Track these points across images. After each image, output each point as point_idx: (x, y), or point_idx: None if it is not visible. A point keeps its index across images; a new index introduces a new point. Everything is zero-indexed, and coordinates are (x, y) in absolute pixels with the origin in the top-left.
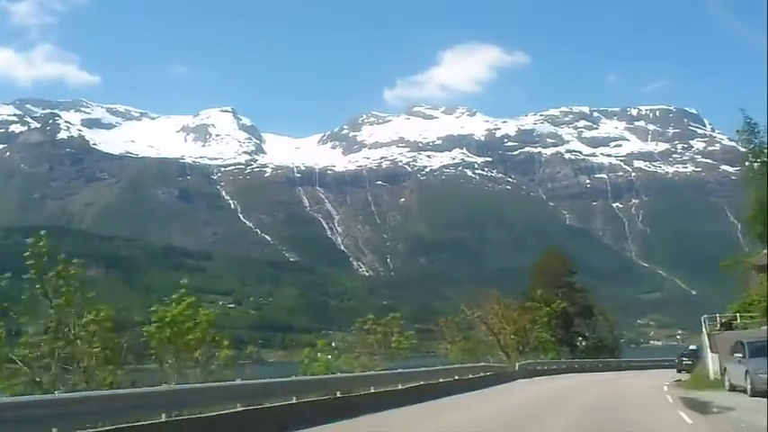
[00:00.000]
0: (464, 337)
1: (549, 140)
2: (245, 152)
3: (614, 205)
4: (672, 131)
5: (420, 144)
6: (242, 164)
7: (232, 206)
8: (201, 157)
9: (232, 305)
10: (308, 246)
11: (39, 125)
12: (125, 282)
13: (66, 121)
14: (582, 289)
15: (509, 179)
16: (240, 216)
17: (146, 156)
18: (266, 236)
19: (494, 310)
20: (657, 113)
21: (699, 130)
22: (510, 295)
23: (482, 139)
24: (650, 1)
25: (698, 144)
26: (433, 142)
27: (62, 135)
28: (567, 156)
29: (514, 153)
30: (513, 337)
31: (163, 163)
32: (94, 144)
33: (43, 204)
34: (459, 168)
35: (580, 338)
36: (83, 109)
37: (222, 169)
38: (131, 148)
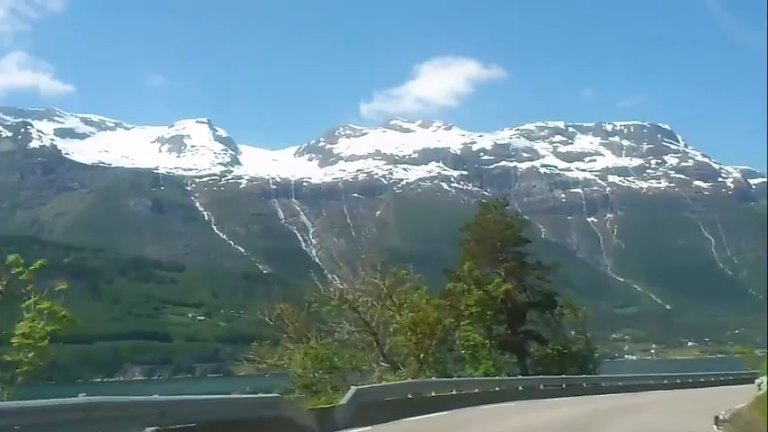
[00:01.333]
0: (328, 335)
1: (524, 155)
2: (221, 163)
3: (589, 220)
4: (646, 147)
5: (396, 157)
6: (217, 175)
7: (206, 218)
8: (176, 168)
9: (202, 317)
10: (283, 258)
11: (10, 134)
12: (91, 293)
13: (38, 131)
14: (539, 266)
15: (485, 193)
16: (214, 228)
17: (119, 166)
18: (240, 248)
19: (375, 288)
20: (632, 129)
21: (672, 146)
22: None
23: (458, 152)
24: (625, 18)
25: (671, 160)
26: (409, 155)
27: (34, 144)
28: (542, 170)
29: (490, 167)
30: (413, 336)
31: (136, 173)
32: (66, 154)
33: (13, 214)
34: (435, 182)
35: (535, 342)
36: (56, 118)
37: (197, 180)
38: (104, 158)
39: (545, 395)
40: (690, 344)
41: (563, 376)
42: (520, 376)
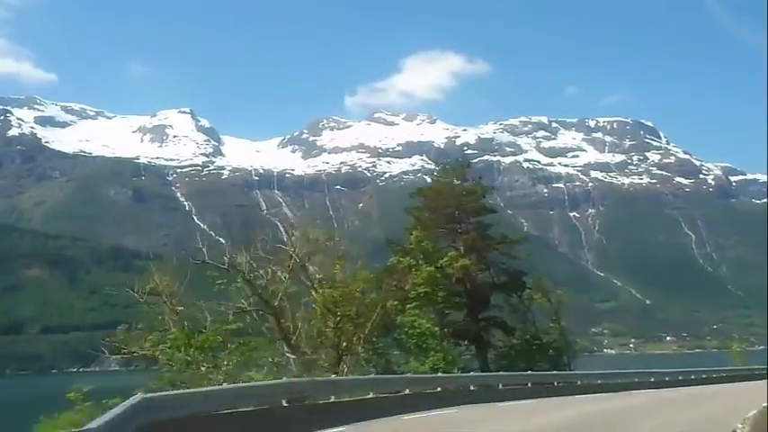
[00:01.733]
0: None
1: (508, 149)
2: (203, 154)
3: (571, 215)
4: (628, 143)
5: (380, 150)
6: (199, 165)
7: (187, 208)
8: (157, 158)
9: (180, 307)
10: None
11: None
12: (69, 282)
13: (18, 119)
14: (504, 239)
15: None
16: (195, 218)
17: (99, 155)
18: (221, 238)
19: (286, 256)
20: (615, 125)
21: (654, 143)
22: None
23: (442, 146)
24: (610, 16)
25: (653, 156)
26: (392, 148)
27: (13, 132)
28: (525, 165)
29: (474, 161)
30: (331, 318)
31: (117, 163)
32: (47, 142)
33: None
34: (419, 175)
35: (499, 331)
36: (36, 107)
37: (178, 170)
38: (85, 147)
39: (504, 396)
40: (668, 338)
41: (528, 373)
42: (473, 373)
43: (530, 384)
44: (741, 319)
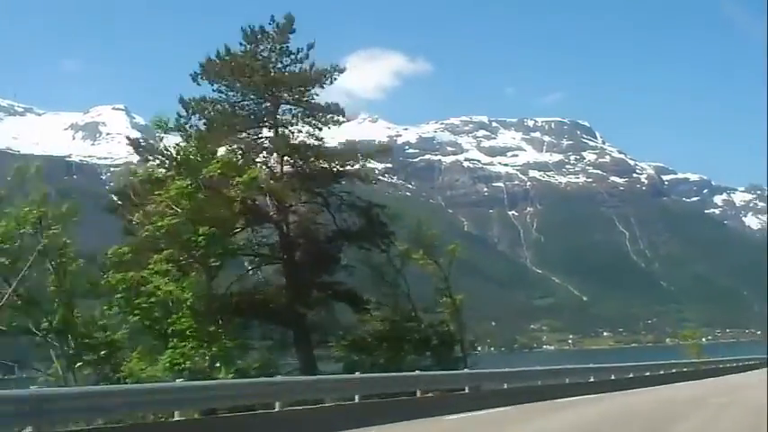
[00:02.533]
0: None
1: (448, 148)
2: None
3: (510, 213)
4: (565, 143)
5: None
6: (134, 164)
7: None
8: (90, 156)
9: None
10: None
11: None
12: None
13: None
14: (347, 151)
15: (409, 186)
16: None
17: (29, 153)
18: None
19: None
20: (552, 125)
21: (590, 143)
22: None
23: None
24: (546, 17)
25: (589, 156)
26: (334, 147)
27: None
28: (465, 164)
29: (415, 160)
30: None
31: (47, 161)
32: None
33: None
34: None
35: (350, 306)
36: None
37: (112, 169)
38: (12, 145)
39: (296, 426)
40: (605, 334)
41: (357, 376)
42: (247, 378)
43: (357, 399)
44: (674, 314)
